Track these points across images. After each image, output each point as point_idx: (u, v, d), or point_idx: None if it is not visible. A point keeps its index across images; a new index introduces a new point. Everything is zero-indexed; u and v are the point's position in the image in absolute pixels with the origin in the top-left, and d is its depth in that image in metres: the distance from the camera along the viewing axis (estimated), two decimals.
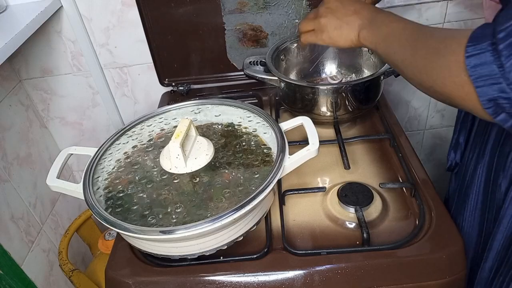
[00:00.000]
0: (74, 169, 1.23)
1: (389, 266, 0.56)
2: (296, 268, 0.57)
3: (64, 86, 1.06)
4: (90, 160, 0.65)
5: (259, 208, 0.58)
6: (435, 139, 1.24)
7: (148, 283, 0.59)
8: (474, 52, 0.40)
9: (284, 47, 0.89)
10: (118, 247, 0.64)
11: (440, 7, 0.98)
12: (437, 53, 0.45)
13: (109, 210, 0.57)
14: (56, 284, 1.06)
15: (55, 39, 0.98)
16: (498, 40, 0.39)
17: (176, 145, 0.59)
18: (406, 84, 1.11)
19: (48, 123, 1.13)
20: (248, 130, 0.68)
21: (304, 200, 0.68)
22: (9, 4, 0.92)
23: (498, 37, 0.39)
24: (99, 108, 1.11)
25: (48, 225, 1.08)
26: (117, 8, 0.94)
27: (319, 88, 0.78)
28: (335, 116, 0.80)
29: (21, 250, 0.96)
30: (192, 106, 0.75)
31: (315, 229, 0.64)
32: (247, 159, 0.62)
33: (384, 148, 0.78)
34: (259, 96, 0.96)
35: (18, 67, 1.02)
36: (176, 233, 0.51)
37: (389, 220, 0.63)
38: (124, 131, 0.71)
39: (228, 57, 0.99)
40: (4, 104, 0.97)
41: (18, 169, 0.99)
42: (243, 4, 0.91)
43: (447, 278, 0.56)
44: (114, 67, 1.03)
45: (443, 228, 0.59)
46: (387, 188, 0.68)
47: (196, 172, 0.61)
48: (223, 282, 0.57)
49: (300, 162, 0.60)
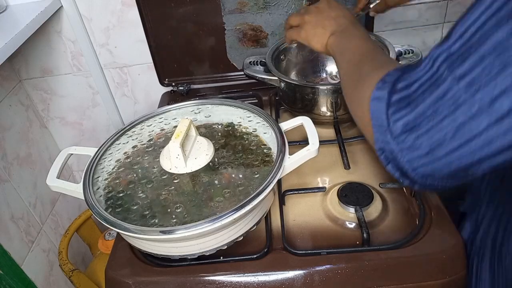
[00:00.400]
0: (74, 169, 1.23)
1: (389, 266, 0.56)
2: (296, 268, 0.57)
3: (64, 86, 1.06)
4: (90, 160, 0.65)
5: (259, 208, 0.58)
6: None
7: (148, 283, 0.59)
8: (377, 94, 0.39)
9: (284, 47, 0.89)
10: (118, 247, 0.64)
11: (440, 7, 0.98)
12: (362, 84, 0.44)
13: (109, 210, 0.57)
14: (56, 284, 1.06)
15: (55, 39, 0.98)
16: (395, 91, 0.37)
17: (176, 145, 0.59)
18: None
19: (48, 123, 1.13)
20: (248, 130, 0.68)
21: (304, 200, 0.68)
22: (9, 4, 0.92)
23: (396, 87, 0.37)
24: (99, 108, 1.11)
25: (48, 225, 1.08)
26: (117, 8, 0.94)
27: (319, 88, 0.78)
28: (335, 116, 0.80)
29: (21, 250, 0.96)
30: (192, 106, 0.75)
31: (315, 229, 0.64)
32: (247, 159, 0.62)
33: None
34: (259, 96, 0.96)
35: (18, 67, 1.02)
36: (176, 233, 0.51)
37: (389, 220, 0.63)
38: (124, 131, 0.71)
39: (228, 57, 0.99)
40: (4, 104, 0.97)
41: (18, 169, 0.99)
42: (243, 4, 0.91)
43: (447, 278, 0.56)
44: (114, 67, 1.03)
45: (443, 228, 0.59)
46: (387, 188, 0.68)
47: (196, 172, 0.61)
48: (223, 282, 0.57)
49: (300, 162, 0.60)
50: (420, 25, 1.00)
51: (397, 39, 1.01)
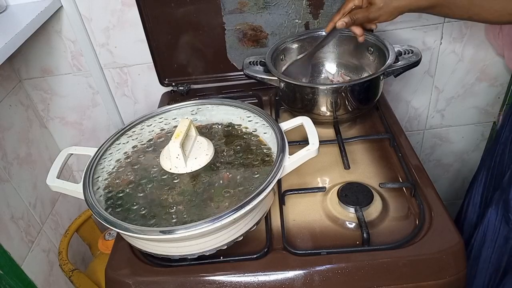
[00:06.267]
0: (74, 169, 1.23)
1: (389, 266, 0.56)
2: (296, 268, 0.57)
3: (64, 86, 1.06)
4: (90, 160, 0.65)
5: (259, 208, 0.58)
6: (435, 139, 1.24)
7: (148, 283, 0.59)
8: None
9: (284, 47, 0.90)
10: (118, 247, 0.64)
11: None
12: None
13: (109, 210, 0.57)
14: (56, 284, 1.06)
15: (55, 39, 0.98)
16: None
17: (176, 145, 0.59)
18: (406, 84, 1.11)
19: (48, 123, 1.13)
20: (248, 130, 0.68)
21: (304, 200, 0.68)
22: (9, 4, 0.92)
23: None
24: (99, 108, 1.11)
25: (48, 225, 1.08)
26: (117, 8, 0.94)
27: (319, 88, 0.78)
28: (335, 116, 0.80)
29: (21, 250, 0.96)
30: (192, 106, 0.75)
31: (315, 229, 0.64)
32: (247, 159, 0.62)
33: (384, 148, 0.78)
34: (259, 96, 0.96)
35: (18, 67, 1.02)
36: (176, 233, 0.51)
37: (389, 220, 0.63)
38: (124, 131, 0.71)
39: (228, 57, 0.99)
40: (4, 104, 0.97)
41: (18, 169, 0.99)
42: (243, 4, 0.91)
43: (447, 278, 0.56)
44: (114, 67, 1.03)
45: (443, 228, 0.59)
46: (387, 188, 0.68)
47: (196, 172, 0.61)
48: (223, 282, 0.57)
49: (300, 162, 0.60)
50: (420, 25, 1.00)
51: (397, 39, 1.01)
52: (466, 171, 1.31)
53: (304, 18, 0.93)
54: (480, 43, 1.03)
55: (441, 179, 1.34)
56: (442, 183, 1.35)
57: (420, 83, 1.11)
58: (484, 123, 1.20)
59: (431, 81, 1.11)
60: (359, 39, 0.75)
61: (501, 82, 1.11)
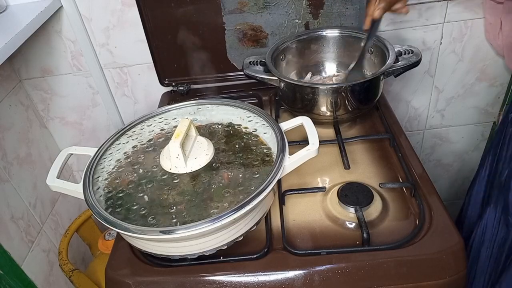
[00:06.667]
0: (74, 169, 1.23)
1: (389, 266, 0.56)
2: (296, 268, 0.57)
3: (64, 86, 1.06)
4: (90, 160, 0.65)
5: (259, 208, 0.58)
6: (435, 139, 1.24)
7: (148, 283, 0.59)
8: None
9: (284, 47, 0.89)
10: (118, 247, 0.64)
11: (440, 7, 0.98)
12: None
13: (109, 210, 0.57)
14: (56, 284, 1.06)
15: (55, 39, 0.98)
16: None
17: (176, 145, 0.59)
18: (406, 84, 1.11)
19: (48, 123, 1.13)
20: (248, 130, 0.68)
21: (304, 200, 0.68)
22: (9, 4, 0.92)
23: None
24: (99, 108, 1.11)
25: (48, 225, 1.08)
26: (117, 8, 0.94)
27: (319, 88, 0.78)
28: (335, 116, 0.80)
29: (21, 250, 0.96)
30: (192, 106, 0.75)
31: (315, 229, 0.64)
32: (247, 159, 0.62)
33: (384, 148, 0.78)
34: (259, 96, 0.96)
35: (18, 67, 1.02)
36: (176, 233, 0.51)
37: (389, 220, 0.63)
38: (124, 131, 0.71)
39: (228, 57, 0.99)
40: (4, 104, 0.97)
41: (18, 169, 0.99)
42: (243, 4, 0.91)
43: (447, 278, 0.56)
44: (114, 67, 1.03)
45: (443, 228, 0.59)
46: (387, 188, 0.68)
47: (196, 172, 0.61)
48: (223, 282, 0.57)
49: (300, 162, 0.60)
50: (420, 25, 1.00)
51: (397, 39, 1.01)
52: (466, 171, 1.31)
53: (304, 18, 0.93)
54: (480, 43, 1.04)
55: (441, 179, 1.34)
56: (442, 183, 1.35)
57: (420, 83, 1.11)
58: (484, 123, 1.21)
59: (431, 81, 1.11)
60: (403, 10, 0.74)
61: (501, 82, 1.11)
